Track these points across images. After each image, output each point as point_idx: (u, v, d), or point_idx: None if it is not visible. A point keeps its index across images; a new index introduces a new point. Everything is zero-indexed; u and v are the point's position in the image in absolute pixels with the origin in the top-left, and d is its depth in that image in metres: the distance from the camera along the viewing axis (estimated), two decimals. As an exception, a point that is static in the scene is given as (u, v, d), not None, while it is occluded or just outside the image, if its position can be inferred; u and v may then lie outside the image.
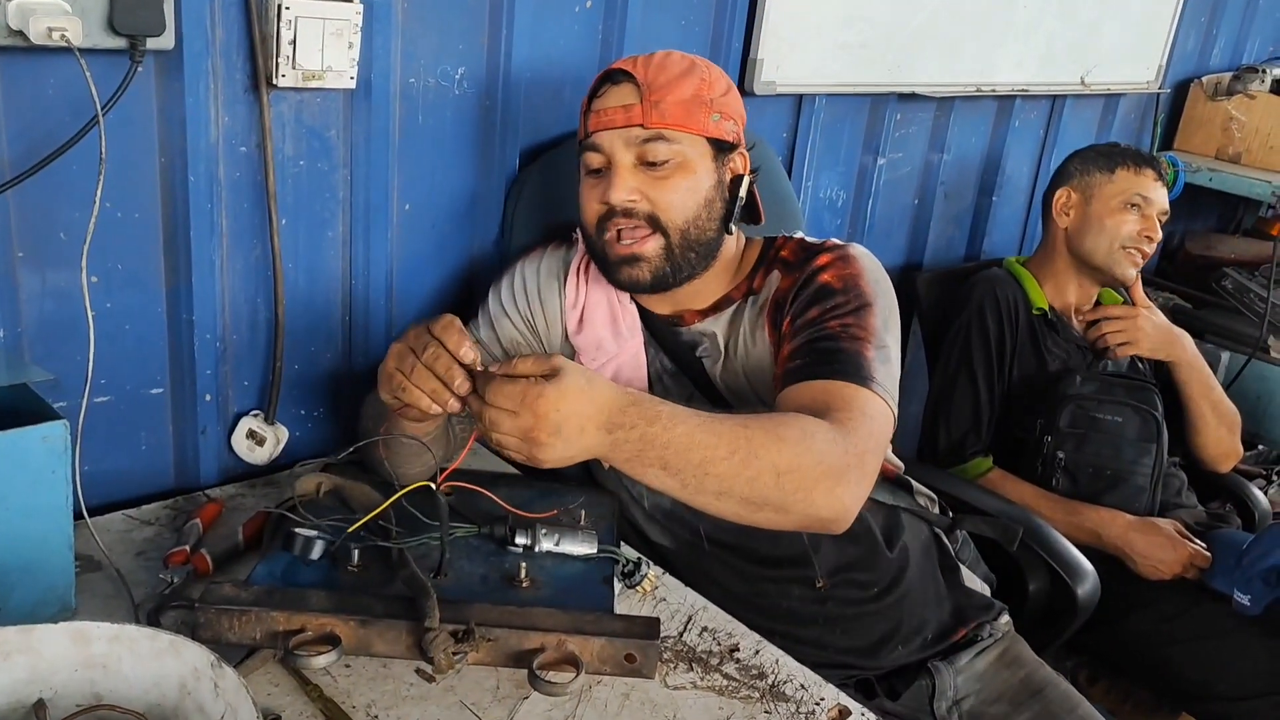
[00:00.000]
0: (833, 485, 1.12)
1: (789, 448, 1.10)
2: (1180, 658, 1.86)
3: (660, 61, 1.33)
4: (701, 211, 1.34)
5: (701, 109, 1.32)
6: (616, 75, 1.33)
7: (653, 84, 1.30)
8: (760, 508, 1.11)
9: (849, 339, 1.26)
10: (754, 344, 1.38)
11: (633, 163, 1.32)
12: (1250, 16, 3.09)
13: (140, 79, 1.23)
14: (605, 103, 1.33)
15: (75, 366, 1.27)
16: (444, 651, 1.04)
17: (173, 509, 1.41)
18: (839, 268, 1.34)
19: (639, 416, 1.06)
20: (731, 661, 1.20)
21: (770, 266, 1.42)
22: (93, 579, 1.23)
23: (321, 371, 1.56)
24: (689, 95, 1.31)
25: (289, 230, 1.44)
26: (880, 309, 1.32)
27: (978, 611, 1.51)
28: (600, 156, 1.34)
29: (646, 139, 1.30)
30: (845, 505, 1.14)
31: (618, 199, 1.32)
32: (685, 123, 1.31)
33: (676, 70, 1.32)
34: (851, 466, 1.14)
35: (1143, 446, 2.02)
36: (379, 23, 1.41)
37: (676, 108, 1.30)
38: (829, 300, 1.31)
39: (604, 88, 1.34)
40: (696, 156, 1.33)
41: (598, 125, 1.33)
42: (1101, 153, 2.16)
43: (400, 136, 1.50)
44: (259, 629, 1.06)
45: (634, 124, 1.30)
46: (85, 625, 0.94)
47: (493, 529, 1.29)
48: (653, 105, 1.30)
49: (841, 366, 1.23)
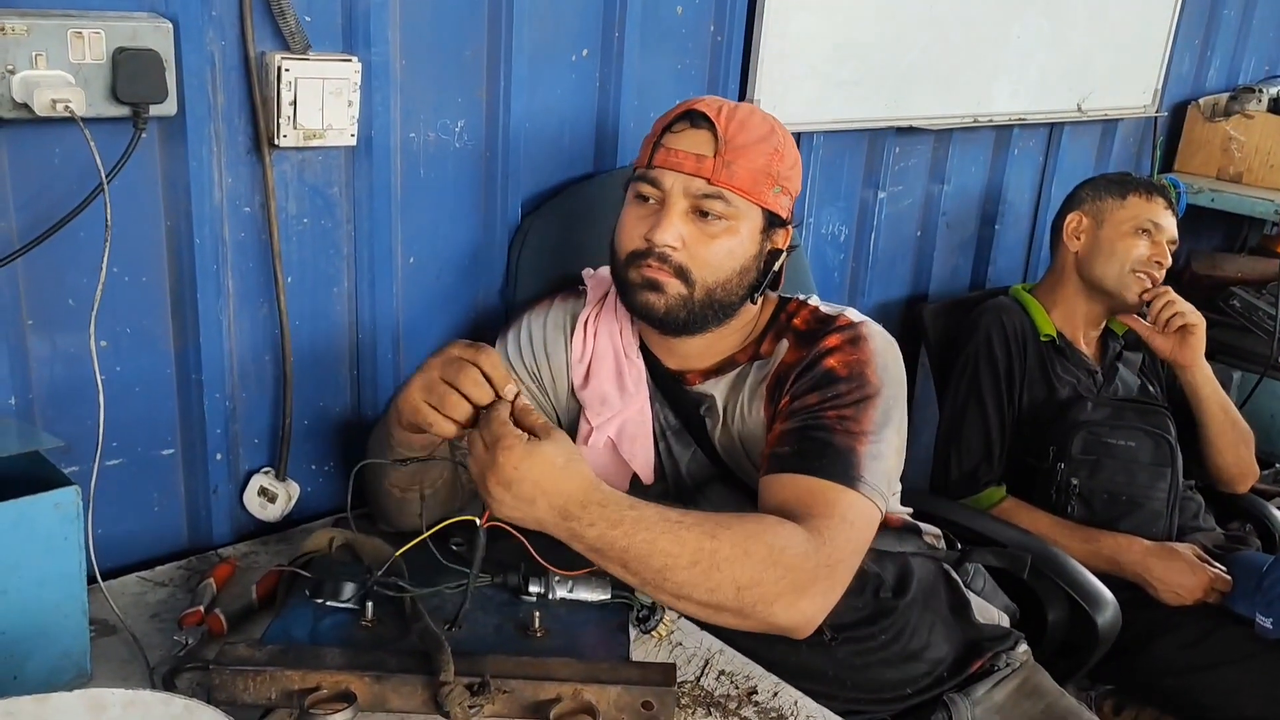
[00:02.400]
0: (795, 599, 1.12)
1: (753, 563, 1.10)
2: (1204, 684, 1.83)
3: (744, 119, 1.30)
4: (734, 277, 1.33)
5: (767, 181, 1.31)
6: (698, 119, 1.30)
7: (732, 141, 1.28)
8: (719, 612, 1.12)
9: (843, 433, 1.24)
10: (750, 413, 1.37)
11: (686, 210, 1.30)
12: (1244, 37, 3.11)
13: (144, 145, 1.25)
14: (679, 142, 1.30)
15: (86, 431, 1.27)
16: (460, 705, 1.04)
17: (186, 569, 1.41)
18: (847, 352, 1.31)
19: (601, 517, 1.06)
20: (750, 705, 1.20)
21: (781, 333, 1.39)
22: (108, 643, 1.23)
23: (331, 426, 1.57)
24: (761, 164, 1.30)
25: (294, 288, 1.46)
26: (883, 400, 1.28)
27: (993, 642, 1.49)
28: (656, 191, 1.31)
29: (708, 194, 1.29)
30: (807, 617, 1.14)
31: (662, 239, 1.29)
32: (750, 190, 1.29)
33: (756, 133, 1.30)
34: (820, 579, 1.14)
35: (1157, 471, 2.00)
36: (377, 80, 1.43)
37: (746, 174, 1.29)
38: (831, 388, 1.28)
39: (681, 125, 1.31)
40: (748, 224, 1.32)
41: (664, 162, 1.30)
42: (1113, 180, 2.17)
43: (402, 191, 1.52)
44: (274, 688, 1.05)
45: (702, 175, 1.28)
46: (100, 692, 0.94)
47: (505, 577, 1.28)
48: (725, 164, 1.28)
49: (830, 464, 1.21)
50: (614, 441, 1.43)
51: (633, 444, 1.43)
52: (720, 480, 1.41)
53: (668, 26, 1.77)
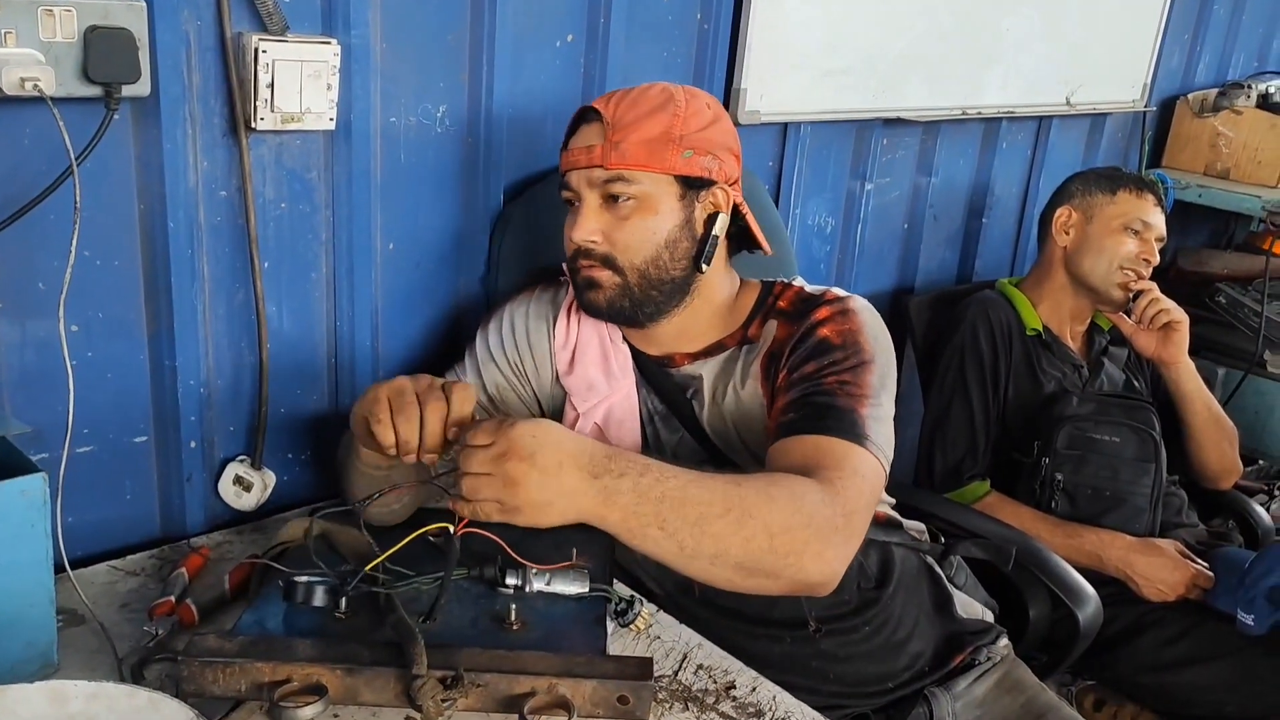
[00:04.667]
0: (821, 548, 1.11)
1: (780, 507, 1.09)
2: (1185, 680, 1.84)
3: (635, 98, 1.32)
4: (663, 252, 1.33)
5: (669, 147, 1.30)
6: (588, 113, 1.33)
7: (618, 123, 1.29)
8: (752, 573, 1.10)
9: (844, 395, 1.25)
10: (744, 393, 1.37)
11: (598, 203, 1.32)
12: (1234, 33, 3.10)
13: (117, 126, 1.22)
14: (576, 140, 1.34)
15: (57, 417, 1.25)
16: (433, 699, 1.02)
17: (158, 559, 1.39)
18: (839, 322, 1.32)
19: (628, 465, 1.05)
20: (728, 700, 1.18)
21: (768, 315, 1.40)
22: (76, 633, 1.21)
23: (308, 414, 1.55)
24: (656, 133, 1.30)
25: (271, 273, 1.44)
26: (878, 366, 1.30)
27: (974, 636, 1.48)
28: (571, 193, 1.35)
29: (607, 179, 1.30)
30: (834, 569, 1.14)
31: (579, 237, 1.33)
32: (647, 162, 1.29)
33: (648, 106, 1.31)
34: (839, 528, 1.13)
35: (1141, 466, 2.00)
36: (357, 63, 1.41)
37: (638, 147, 1.29)
38: (827, 356, 1.29)
39: (578, 125, 1.35)
40: (660, 196, 1.31)
41: (567, 164, 1.34)
42: (1104, 175, 2.16)
43: (382, 176, 1.50)
44: (244, 681, 1.04)
45: (594, 164, 1.30)
46: (63, 684, 0.93)
47: (482, 570, 1.27)
48: (613, 146, 1.29)
49: (835, 423, 1.22)
50: (600, 427, 1.42)
51: (620, 429, 1.42)
52: (709, 463, 1.40)
53: (654, 14, 1.75)
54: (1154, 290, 2.07)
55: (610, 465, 1.04)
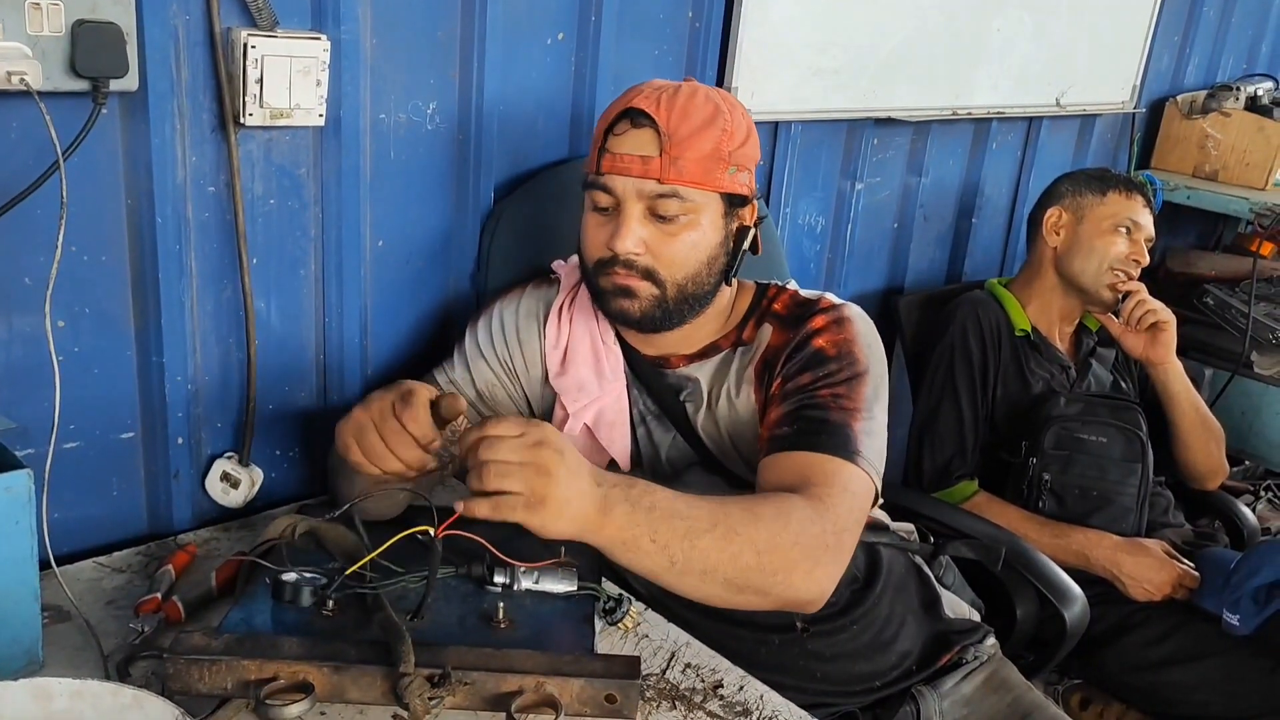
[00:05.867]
0: (811, 567, 1.12)
1: (766, 525, 1.10)
2: (1171, 679, 1.85)
3: (684, 107, 1.26)
4: (703, 268, 1.32)
5: (720, 165, 1.27)
6: (638, 117, 1.26)
7: (674, 135, 1.24)
8: (741, 590, 1.11)
9: (838, 410, 1.25)
10: (737, 397, 1.37)
11: (643, 212, 1.28)
12: (1223, 35, 3.12)
13: (104, 121, 1.22)
14: (622, 145, 1.27)
15: (43, 413, 1.24)
16: (420, 697, 1.02)
17: (145, 555, 1.38)
18: (834, 332, 1.32)
19: (617, 478, 1.07)
20: (715, 698, 1.18)
21: (762, 318, 1.40)
22: (62, 630, 1.20)
23: (296, 411, 1.54)
24: (709, 150, 1.26)
25: (260, 270, 1.43)
26: (872, 378, 1.30)
27: (961, 635, 1.49)
28: (609, 198, 1.29)
29: (661, 194, 1.26)
30: (823, 587, 1.15)
31: (624, 249, 1.28)
32: (702, 180, 1.26)
33: (699, 119, 1.26)
34: (829, 546, 1.14)
35: (1128, 467, 2.01)
36: (347, 59, 1.40)
37: (696, 165, 1.25)
38: (821, 368, 1.29)
39: (622, 126, 1.28)
40: (708, 213, 1.29)
41: (612, 168, 1.27)
42: (1093, 176, 2.17)
43: (372, 173, 1.49)
44: (230, 678, 1.03)
45: (651, 177, 1.25)
46: (47, 681, 0.92)
47: (470, 568, 1.26)
48: (672, 161, 1.24)
49: (828, 439, 1.22)
50: (590, 428, 1.42)
51: (610, 430, 1.42)
52: (700, 465, 1.40)
53: (645, 12, 1.75)
54: (1142, 291, 2.08)
55: (604, 477, 1.06)
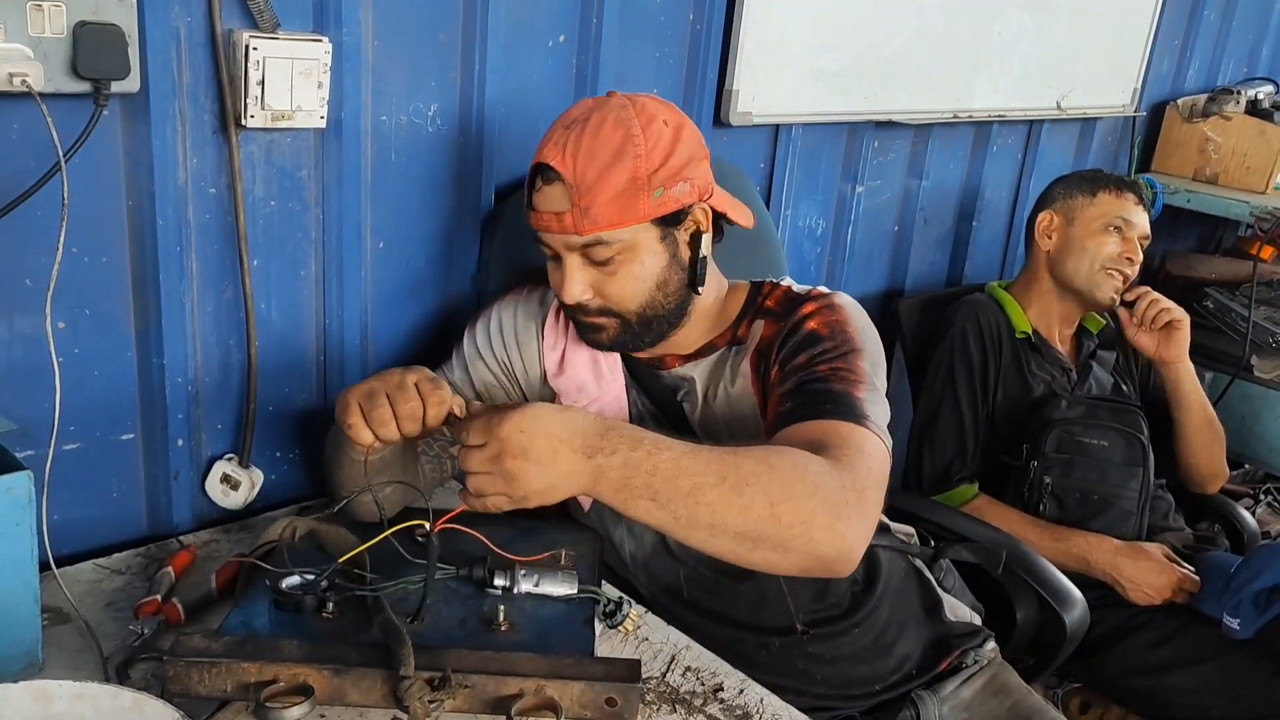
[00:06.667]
0: (832, 520, 1.07)
1: (781, 476, 1.06)
2: (1171, 683, 1.84)
3: (589, 147, 1.24)
4: (656, 293, 1.32)
5: (639, 195, 1.25)
6: (548, 173, 1.26)
7: (581, 184, 1.23)
8: (757, 544, 1.06)
9: (839, 381, 1.24)
10: (734, 392, 1.36)
11: (580, 260, 1.29)
12: (1223, 39, 3.12)
13: (106, 122, 1.22)
14: (541, 203, 1.28)
15: (43, 414, 1.24)
16: (420, 700, 1.02)
17: (144, 557, 1.38)
18: (825, 315, 1.32)
19: (620, 441, 1.04)
20: (715, 702, 1.18)
21: (756, 315, 1.39)
22: (61, 631, 1.20)
23: (296, 413, 1.54)
24: (623, 185, 1.24)
25: (260, 271, 1.43)
26: (868, 354, 1.29)
27: (961, 639, 1.49)
28: (548, 248, 1.32)
29: (585, 244, 1.27)
30: (848, 543, 1.09)
31: (570, 300, 1.31)
32: (621, 219, 1.25)
33: (606, 155, 1.24)
34: (850, 502, 1.09)
35: (1129, 470, 2.01)
36: (348, 61, 1.40)
37: (609, 207, 1.24)
38: (816, 346, 1.28)
39: (538, 183, 1.29)
40: (641, 242, 1.29)
41: (538, 225, 1.30)
42: (1084, 177, 2.17)
43: (373, 175, 1.49)
44: (230, 681, 1.03)
45: (568, 232, 1.26)
46: (46, 684, 0.92)
47: (471, 570, 1.27)
48: (583, 212, 1.24)
49: (834, 406, 1.21)
50: None
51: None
52: None
53: (646, 14, 1.75)
54: (1151, 292, 2.09)
55: (603, 443, 1.04)
